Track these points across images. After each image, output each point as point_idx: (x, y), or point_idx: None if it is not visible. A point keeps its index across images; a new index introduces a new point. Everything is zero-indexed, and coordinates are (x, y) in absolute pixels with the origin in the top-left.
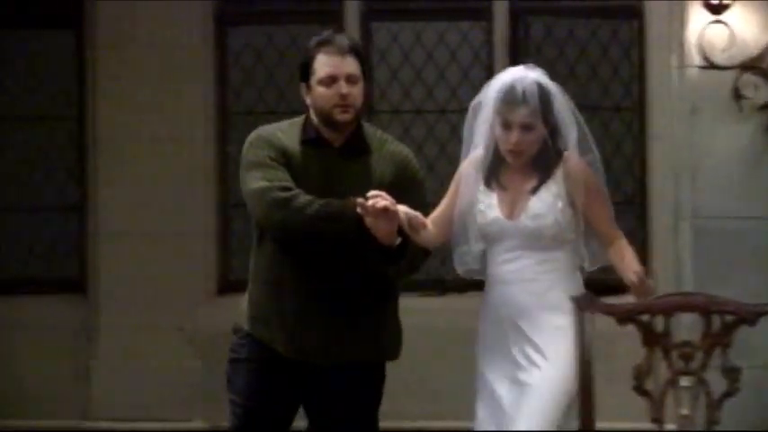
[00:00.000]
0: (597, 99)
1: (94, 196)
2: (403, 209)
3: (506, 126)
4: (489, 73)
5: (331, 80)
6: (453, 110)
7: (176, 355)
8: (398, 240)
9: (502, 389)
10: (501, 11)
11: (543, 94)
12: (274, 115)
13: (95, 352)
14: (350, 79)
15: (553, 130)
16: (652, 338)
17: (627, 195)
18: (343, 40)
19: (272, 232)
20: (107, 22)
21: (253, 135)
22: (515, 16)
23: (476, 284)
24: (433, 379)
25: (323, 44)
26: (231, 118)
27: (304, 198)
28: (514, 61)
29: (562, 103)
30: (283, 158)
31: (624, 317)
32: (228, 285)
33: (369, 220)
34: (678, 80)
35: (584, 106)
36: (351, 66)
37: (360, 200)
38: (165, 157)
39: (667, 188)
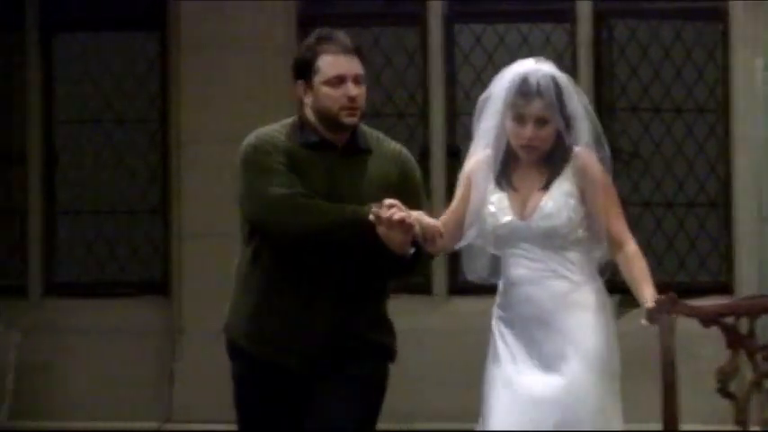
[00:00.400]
0: (681, 101)
1: (177, 198)
2: (417, 216)
3: (520, 120)
4: (573, 75)
5: (339, 81)
6: None
7: None
8: (412, 251)
9: (529, 391)
10: (584, 12)
11: (558, 87)
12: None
13: (179, 354)
14: (357, 80)
15: (566, 126)
16: (736, 340)
17: (710, 197)
18: (345, 38)
19: (290, 239)
20: (190, 25)
21: (253, 139)
22: (599, 18)
23: None
24: None
25: (325, 41)
26: None
27: (328, 205)
28: (598, 63)
29: (575, 98)
30: (289, 162)
31: (708, 319)
32: None
33: (382, 230)
34: (762, 82)
35: (668, 108)
36: (357, 66)
37: (374, 209)
38: None
39: (751, 190)
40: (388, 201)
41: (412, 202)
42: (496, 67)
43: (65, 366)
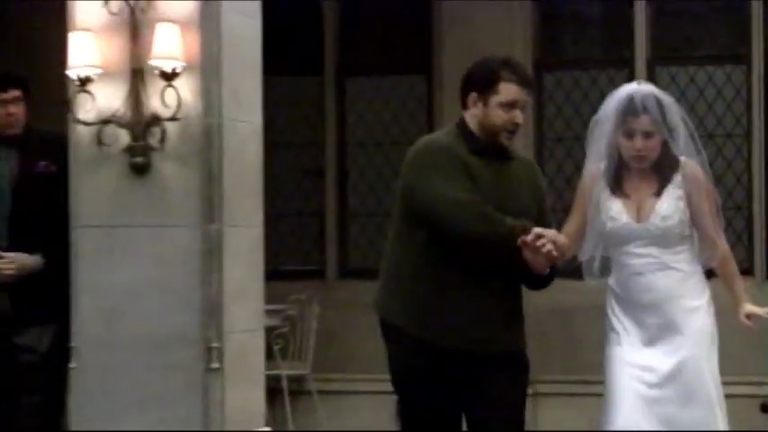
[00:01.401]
0: None
1: None
2: (552, 237)
3: (629, 134)
4: (748, 107)
5: (511, 106)
6: (720, 134)
7: None
8: (548, 270)
9: (649, 366)
10: (758, 56)
11: (660, 104)
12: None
13: None
14: (524, 107)
15: (669, 137)
16: None
17: None
18: (525, 71)
19: (462, 240)
20: (449, 68)
21: (433, 144)
22: None
23: None
24: None
25: (509, 68)
26: (547, 143)
27: (498, 215)
28: None
29: (675, 113)
30: (463, 167)
31: None
32: None
33: (527, 254)
34: None
35: None
36: (528, 96)
37: (523, 237)
38: None
39: None
40: (537, 230)
41: (544, 205)
42: (689, 104)
43: (353, 335)
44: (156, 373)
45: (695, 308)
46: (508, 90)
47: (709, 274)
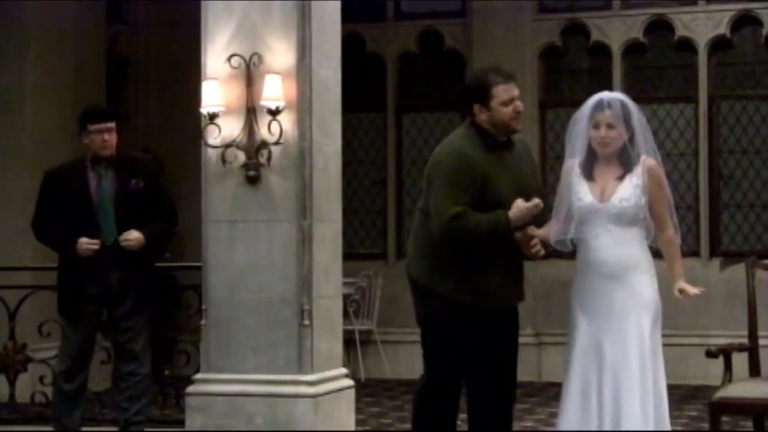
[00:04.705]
0: None
1: None
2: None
3: (596, 126)
4: (696, 134)
5: (510, 101)
6: (675, 153)
7: None
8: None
9: (598, 328)
10: (703, 97)
11: (623, 105)
12: None
13: None
14: (519, 98)
15: (632, 137)
16: None
17: None
18: (508, 71)
19: (439, 241)
20: None
21: (458, 153)
22: None
23: None
24: None
25: (495, 73)
26: (549, 160)
27: (474, 222)
28: None
29: (638, 116)
30: (477, 172)
31: None
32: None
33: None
34: None
35: None
36: (517, 89)
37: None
38: None
39: None
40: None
41: (537, 174)
42: (653, 131)
43: (406, 299)
44: (265, 327)
45: (644, 281)
46: (502, 90)
47: (656, 254)
